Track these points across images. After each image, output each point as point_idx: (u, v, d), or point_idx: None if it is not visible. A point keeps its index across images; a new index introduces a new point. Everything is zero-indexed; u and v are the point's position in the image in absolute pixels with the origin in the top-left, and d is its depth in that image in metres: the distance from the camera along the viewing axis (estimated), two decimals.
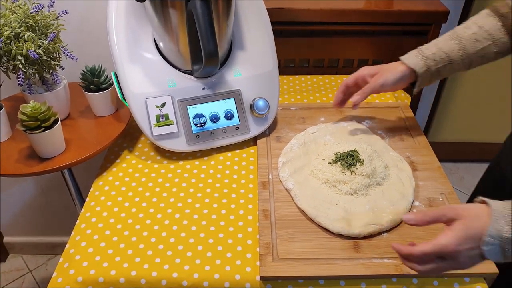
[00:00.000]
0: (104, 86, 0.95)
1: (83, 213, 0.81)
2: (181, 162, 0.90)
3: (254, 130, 0.93)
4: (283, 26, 1.18)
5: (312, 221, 0.76)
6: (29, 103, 0.80)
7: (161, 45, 0.88)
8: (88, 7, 1.13)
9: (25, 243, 1.70)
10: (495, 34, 0.79)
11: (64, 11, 0.90)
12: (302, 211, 0.77)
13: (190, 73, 0.90)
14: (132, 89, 0.86)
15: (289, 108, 1.04)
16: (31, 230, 1.66)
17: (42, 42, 0.87)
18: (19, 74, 0.86)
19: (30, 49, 0.84)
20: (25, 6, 0.86)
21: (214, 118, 0.90)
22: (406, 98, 1.14)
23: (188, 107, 0.89)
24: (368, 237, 0.72)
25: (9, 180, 1.46)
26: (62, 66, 0.95)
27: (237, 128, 0.92)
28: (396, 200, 0.77)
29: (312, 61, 1.28)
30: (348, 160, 0.82)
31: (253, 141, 0.95)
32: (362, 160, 0.81)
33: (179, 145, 0.89)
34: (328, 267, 0.68)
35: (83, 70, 0.94)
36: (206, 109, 0.90)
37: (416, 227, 0.67)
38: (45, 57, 0.88)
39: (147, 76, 0.87)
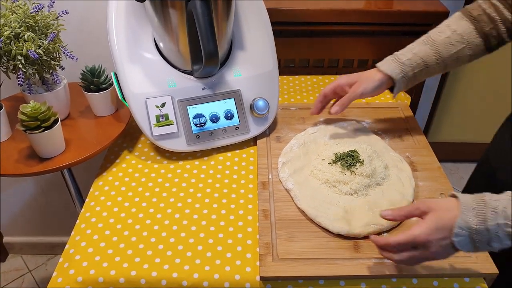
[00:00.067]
0: (104, 86, 0.95)
1: (83, 213, 0.81)
2: (181, 162, 0.90)
3: (254, 130, 0.93)
4: (283, 26, 1.18)
5: (312, 221, 0.76)
6: (29, 103, 0.80)
7: (161, 45, 0.88)
8: (88, 7, 1.13)
9: (24, 243, 1.70)
10: (468, 37, 0.80)
11: (64, 11, 0.90)
12: (302, 211, 0.77)
13: (190, 73, 0.90)
14: (132, 89, 0.86)
15: (289, 108, 1.04)
16: (31, 230, 1.66)
17: (42, 42, 0.87)
18: (19, 74, 0.86)
19: (30, 49, 0.84)
20: (25, 6, 0.86)
21: (214, 118, 0.90)
22: (406, 98, 1.14)
23: (188, 107, 0.89)
24: (368, 237, 0.72)
25: (9, 180, 1.46)
26: (62, 66, 0.95)
27: (237, 128, 0.92)
28: (396, 200, 0.78)
29: (312, 61, 1.28)
30: (348, 160, 0.82)
31: (253, 141, 0.95)
32: (362, 160, 0.81)
33: (179, 145, 0.89)
34: (328, 267, 0.68)
35: (83, 70, 0.94)
36: (206, 109, 0.90)
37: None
38: (45, 57, 0.88)
39: (147, 76, 0.87)
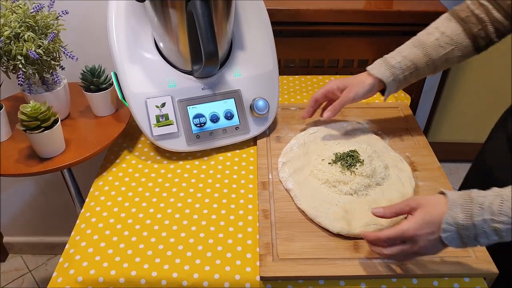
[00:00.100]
0: (104, 86, 0.95)
1: (83, 213, 0.81)
2: (181, 162, 0.90)
3: (254, 130, 0.93)
4: (283, 26, 1.18)
5: (312, 221, 0.76)
6: (29, 103, 0.80)
7: (161, 45, 0.88)
8: (88, 7, 1.13)
9: (24, 243, 1.70)
10: (457, 39, 0.81)
11: (64, 11, 0.90)
12: (302, 211, 0.77)
13: (190, 73, 0.90)
14: (132, 89, 0.86)
15: (289, 108, 1.04)
16: (31, 230, 1.66)
17: (42, 42, 0.87)
18: (19, 74, 0.86)
19: (30, 49, 0.84)
20: (25, 6, 0.86)
21: (214, 118, 0.90)
22: (406, 98, 1.14)
23: (188, 107, 0.89)
24: None
25: (9, 180, 1.46)
26: (62, 66, 0.95)
27: (237, 128, 0.92)
28: (396, 200, 0.77)
29: (312, 61, 1.28)
30: (348, 160, 0.82)
31: (253, 141, 0.95)
32: (362, 160, 0.81)
33: (179, 145, 0.89)
34: (328, 267, 0.68)
35: (83, 70, 0.94)
36: (206, 109, 0.90)
37: None
38: (45, 57, 0.88)
39: (147, 76, 0.87)
